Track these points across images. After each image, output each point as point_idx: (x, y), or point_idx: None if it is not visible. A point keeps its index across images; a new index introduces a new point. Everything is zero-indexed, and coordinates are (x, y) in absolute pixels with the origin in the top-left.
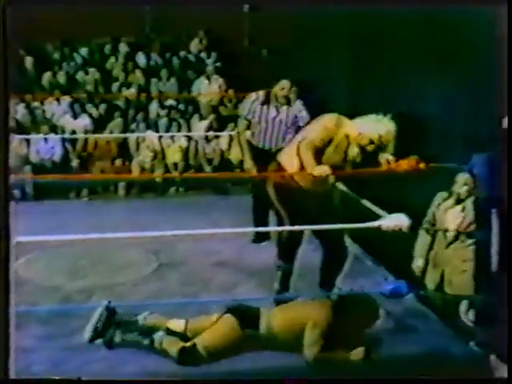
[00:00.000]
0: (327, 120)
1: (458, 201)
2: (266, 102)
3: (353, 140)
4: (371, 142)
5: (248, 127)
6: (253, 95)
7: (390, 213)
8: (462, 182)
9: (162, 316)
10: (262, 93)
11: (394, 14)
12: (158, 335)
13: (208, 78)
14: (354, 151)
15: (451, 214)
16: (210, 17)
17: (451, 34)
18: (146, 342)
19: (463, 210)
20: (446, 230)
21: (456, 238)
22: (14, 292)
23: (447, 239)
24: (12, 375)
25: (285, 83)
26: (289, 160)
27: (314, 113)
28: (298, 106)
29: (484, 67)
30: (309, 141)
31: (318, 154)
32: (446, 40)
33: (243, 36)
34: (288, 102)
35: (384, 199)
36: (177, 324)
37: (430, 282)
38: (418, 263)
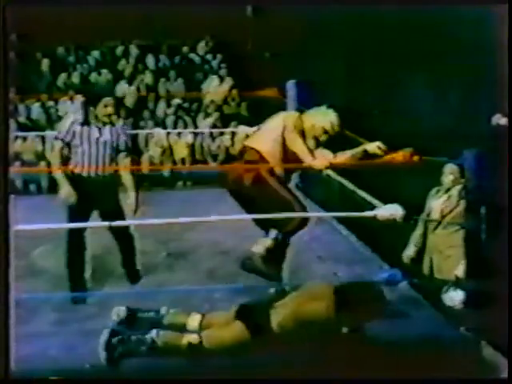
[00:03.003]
0: (294, 119)
1: (446, 190)
2: (86, 122)
3: (308, 132)
4: (325, 131)
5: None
6: (71, 116)
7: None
8: (448, 172)
9: (182, 312)
10: (81, 113)
11: (393, 14)
12: (154, 333)
13: (220, 78)
14: (310, 144)
15: (437, 202)
16: (215, 20)
17: (451, 33)
18: (143, 348)
19: (448, 198)
20: (432, 218)
21: (438, 223)
22: (32, 280)
23: (433, 226)
24: (27, 359)
25: (108, 100)
26: (268, 147)
27: None
28: (120, 127)
29: (482, 67)
30: (296, 131)
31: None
32: (445, 39)
33: (247, 39)
34: (111, 122)
35: (377, 190)
36: (193, 319)
37: (424, 268)
38: (408, 251)
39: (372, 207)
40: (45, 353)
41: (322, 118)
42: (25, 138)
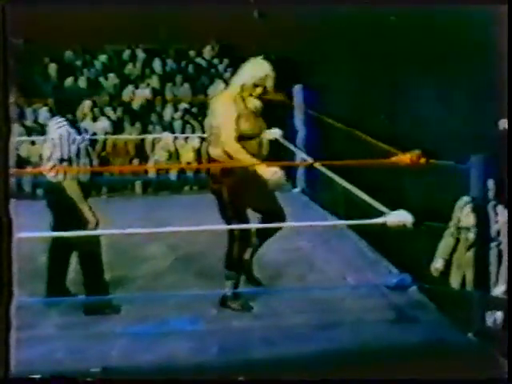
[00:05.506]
0: (225, 99)
1: None
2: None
3: (244, 94)
4: (255, 85)
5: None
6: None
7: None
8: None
9: None
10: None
11: (393, 14)
12: None
13: (226, 83)
14: (255, 103)
15: (470, 218)
16: (221, 24)
17: (451, 33)
18: None
19: None
20: (467, 229)
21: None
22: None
23: (468, 241)
24: (32, 362)
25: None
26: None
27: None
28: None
29: (483, 67)
30: (227, 135)
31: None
32: (446, 40)
33: (253, 43)
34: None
35: (383, 192)
36: None
37: (454, 282)
38: (437, 264)
39: (379, 212)
40: (47, 357)
41: (251, 74)
42: (33, 142)
